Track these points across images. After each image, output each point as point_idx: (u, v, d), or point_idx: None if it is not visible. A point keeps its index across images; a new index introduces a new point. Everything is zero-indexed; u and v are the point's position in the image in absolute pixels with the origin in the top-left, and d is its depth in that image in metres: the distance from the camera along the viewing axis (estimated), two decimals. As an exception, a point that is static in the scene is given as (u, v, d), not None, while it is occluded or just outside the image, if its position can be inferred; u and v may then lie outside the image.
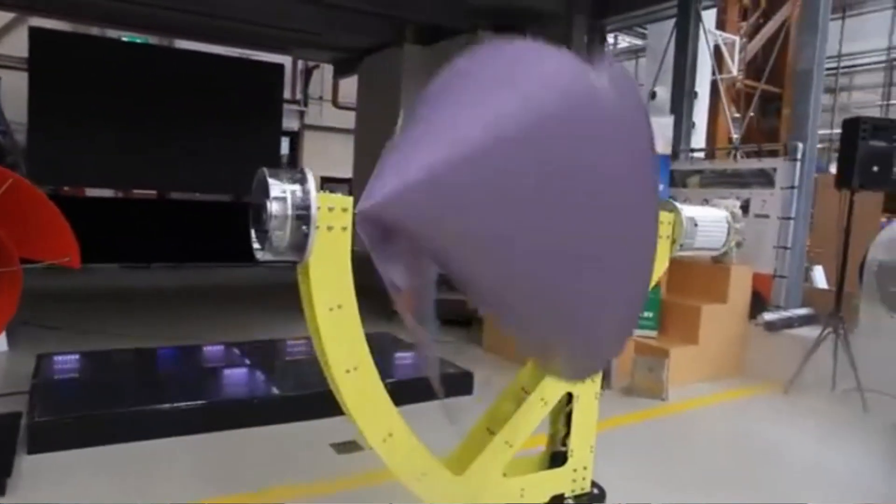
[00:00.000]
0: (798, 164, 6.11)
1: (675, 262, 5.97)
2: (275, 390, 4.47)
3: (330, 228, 1.74)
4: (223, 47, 11.88)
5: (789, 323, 6.10)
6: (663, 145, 5.96)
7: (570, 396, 2.34)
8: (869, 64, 10.93)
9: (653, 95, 9.02)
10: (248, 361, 5.02)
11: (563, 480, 2.33)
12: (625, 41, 16.24)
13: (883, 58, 10.13)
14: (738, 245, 5.34)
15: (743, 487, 3.76)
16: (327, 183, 16.04)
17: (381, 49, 10.24)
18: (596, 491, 2.41)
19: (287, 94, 13.92)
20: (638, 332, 6.00)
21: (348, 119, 14.80)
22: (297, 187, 1.73)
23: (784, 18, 10.26)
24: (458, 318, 7.48)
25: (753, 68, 9.89)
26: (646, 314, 6.06)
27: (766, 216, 6.36)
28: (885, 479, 4.04)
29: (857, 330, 5.65)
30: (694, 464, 4.12)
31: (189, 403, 4.08)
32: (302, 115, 15.53)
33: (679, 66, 7.24)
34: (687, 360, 5.67)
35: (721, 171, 6.96)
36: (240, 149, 11.55)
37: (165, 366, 4.82)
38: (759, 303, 6.34)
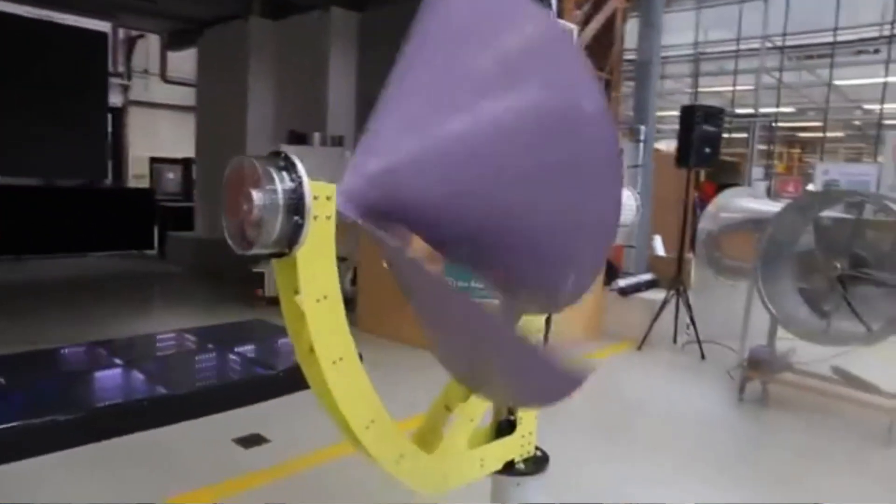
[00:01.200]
0: (641, 144, 6.78)
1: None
2: (160, 389, 4.16)
3: (315, 218, 1.69)
4: (27, 7, 10.42)
5: (638, 287, 6.80)
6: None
7: (516, 369, 2.47)
8: (678, 56, 12.26)
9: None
10: (119, 361, 4.60)
11: (514, 447, 2.47)
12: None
13: (690, 51, 11.46)
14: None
15: (623, 430, 4.32)
16: (156, 163, 14.85)
17: (223, 21, 9.63)
18: (539, 453, 2.58)
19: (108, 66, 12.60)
20: (509, 304, 6.36)
21: (179, 95, 13.79)
22: (285, 175, 1.65)
23: (613, 9, 11.18)
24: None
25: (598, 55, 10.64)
26: (515, 287, 6.42)
27: (615, 192, 6.99)
28: (725, 412, 4.82)
29: (692, 291, 6.48)
30: (579, 417, 4.51)
31: (62, 415, 3.66)
32: (126, 89, 14.15)
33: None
34: (558, 327, 6.10)
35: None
36: (57, 126, 10.31)
37: (21, 374, 4.26)
38: (612, 271, 6.99)
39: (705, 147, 6.03)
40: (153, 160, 14.46)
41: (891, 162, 9.88)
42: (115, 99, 13.76)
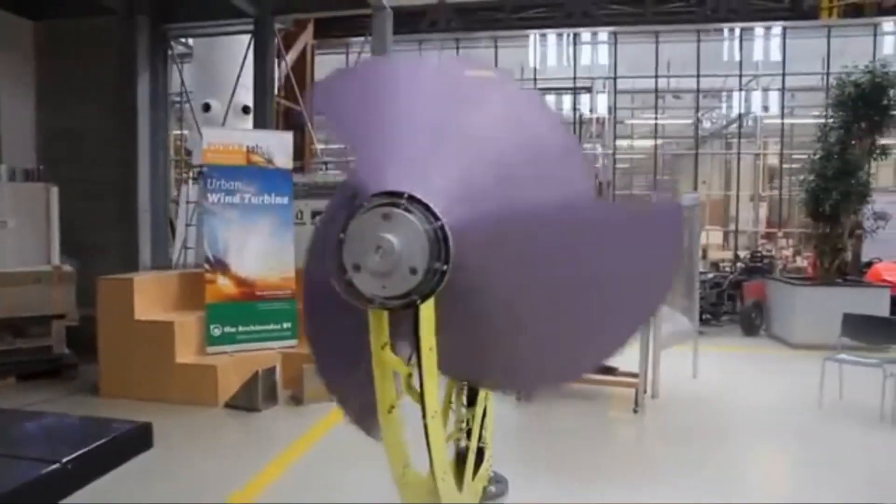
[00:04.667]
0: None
1: (302, 271, 6.31)
2: None
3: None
4: None
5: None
6: (285, 160, 6.13)
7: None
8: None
9: (206, 108, 8.90)
10: None
11: (487, 472, 2.58)
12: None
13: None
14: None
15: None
16: None
17: None
18: (493, 474, 2.72)
19: None
20: (278, 344, 6.09)
21: None
22: (422, 218, 1.55)
23: (303, 45, 11.46)
24: (45, 369, 6.02)
25: (285, 88, 10.72)
26: (284, 325, 6.18)
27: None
28: (505, 411, 5.41)
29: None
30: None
31: None
32: None
33: (260, 83, 7.45)
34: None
35: (312, 183, 7.53)
36: None
37: None
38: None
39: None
40: None
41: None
42: None
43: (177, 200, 9.90)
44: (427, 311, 1.62)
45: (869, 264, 9.18)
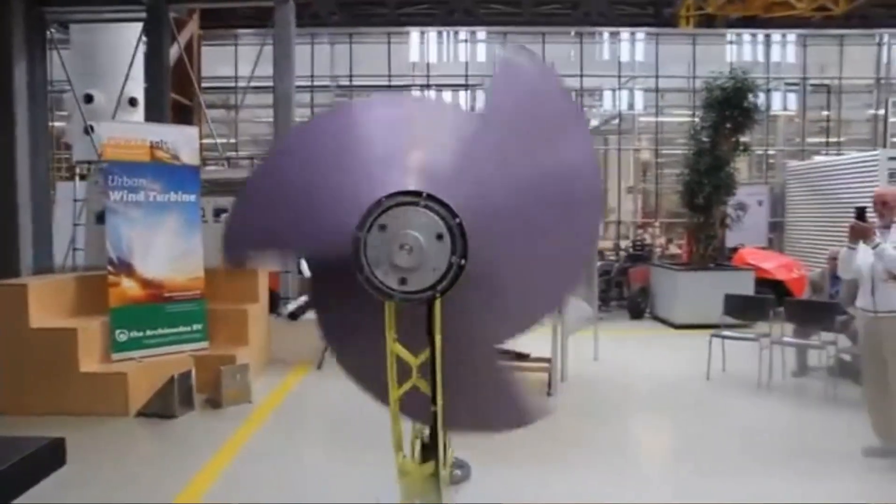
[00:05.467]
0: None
1: (210, 270, 6.14)
2: None
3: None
4: None
5: (304, 310, 7.08)
6: (192, 156, 5.86)
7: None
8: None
9: (89, 99, 8.29)
10: None
11: (451, 457, 2.71)
12: None
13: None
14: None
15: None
16: None
17: None
18: (455, 459, 2.86)
19: None
20: (188, 346, 5.86)
21: None
22: (442, 215, 1.66)
23: (189, 35, 10.89)
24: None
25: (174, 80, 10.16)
26: (194, 327, 5.95)
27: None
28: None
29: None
30: (337, 431, 4.71)
31: None
32: None
33: (154, 75, 7.06)
34: (249, 362, 5.92)
35: (213, 180, 7.26)
36: None
37: None
38: (273, 297, 7.07)
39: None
40: None
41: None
42: None
43: (53, 198, 9.14)
44: (439, 304, 1.73)
45: (734, 250, 10.22)
